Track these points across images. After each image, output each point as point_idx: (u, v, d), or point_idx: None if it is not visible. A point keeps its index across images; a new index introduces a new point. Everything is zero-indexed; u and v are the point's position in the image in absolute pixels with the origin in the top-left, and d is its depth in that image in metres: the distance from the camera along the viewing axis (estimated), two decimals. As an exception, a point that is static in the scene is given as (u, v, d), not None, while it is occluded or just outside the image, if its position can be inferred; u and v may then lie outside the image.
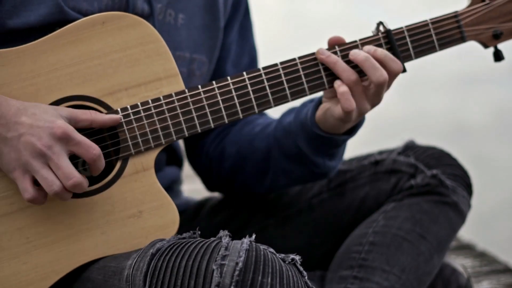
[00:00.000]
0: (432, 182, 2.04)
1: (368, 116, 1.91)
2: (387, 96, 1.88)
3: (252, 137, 2.05)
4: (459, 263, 2.29)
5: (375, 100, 1.83)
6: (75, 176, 1.59)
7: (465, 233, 3.18)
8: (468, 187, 2.09)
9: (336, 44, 1.83)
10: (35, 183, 1.61)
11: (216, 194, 2.26)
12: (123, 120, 1.70)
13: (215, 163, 2.12)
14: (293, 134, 1.94)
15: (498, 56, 1.96)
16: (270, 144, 2.01)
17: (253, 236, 1.52)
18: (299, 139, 1.93)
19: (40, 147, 1.57)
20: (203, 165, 2.16)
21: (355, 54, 1.81)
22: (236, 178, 2.11)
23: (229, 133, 2.12)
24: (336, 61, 1.80)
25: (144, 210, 1.70)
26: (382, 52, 1.81)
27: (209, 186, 2.21)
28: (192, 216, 2.19)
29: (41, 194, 1.61)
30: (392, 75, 1.82)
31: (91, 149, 1.61)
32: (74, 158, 1.69)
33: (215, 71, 2.09)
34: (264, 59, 2.18)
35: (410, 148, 2.13)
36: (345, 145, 1.97)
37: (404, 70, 1.85)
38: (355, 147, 2.07)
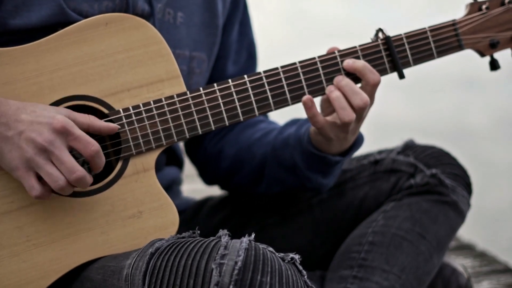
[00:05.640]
0: (432, 181, 2.04)
1: (370, 117, 1.92)
2: (389, 98, 1.89)
3: (251, 142, 2.06)
4: (459, 263, 2.29)
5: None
6: (78, 170, 1.59)
7: (465, 233, 3.19)
8: (467, 186, 2.09)
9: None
10: (39, 179, 1.61)
11: (215, 193, 2.27)
12: (124, 120, 1.71)
13: (212, 160, 2.13)
14: (291, 147, 1.95)
15: (494, 65, 1.98)
16: (267, 152, 2.02)
17: (253, 235, 1.52)
18: (295, 153, 1.94)
19: (42, 143, 1.58)
20: (201, 160, 2.17)
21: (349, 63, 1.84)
22: (233, 179, 2.12)
23: (229, 133, 2.13)
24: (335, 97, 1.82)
25: (144, 210, 1.71)
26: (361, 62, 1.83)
27: (206, 180, 2.22)
28: (191, 215, 2.20)
29: (47, 189, 1.61)
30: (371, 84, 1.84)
31: (90, 145, 1.61)
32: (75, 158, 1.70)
33: (216, 70, 2.10)
34: (268, 62, 2.19)
35: (409, 147, 2.13)
36: (341, 165, 1.98)
37: (402, 77, 1.88)
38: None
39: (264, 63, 2.18)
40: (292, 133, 1.96)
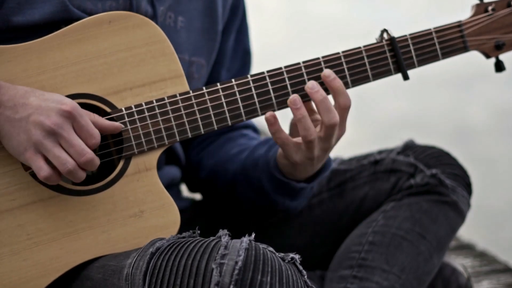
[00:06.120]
0: (432, 181, 2.04)
1: (370, 116, 1.92)
2: (389, 96, 1.89)
3: (228, 157, 2.06)
4: (459, 263, 2.29)
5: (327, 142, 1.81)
6: (87, 152, 1.59)
7: (465, 233, 3.19)
8: (467, 186, 2.09)
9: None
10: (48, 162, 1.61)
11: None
12: (127, 119, 1.71)
13: (193, 168, 2.13)
14: (259, 169, 1.94)
15: (499, 66, 1.97)
16: (238, 170, 2.01)
17: (253, 235, 1.52)
18: (263, 175, 1.93)
19: (50, 125, 1.58)
20: (184, 168, 2.17)
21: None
22: (210, 189, 2.13)
23: (210, 144, 2.13)
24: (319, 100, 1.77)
25: (145, 209, 1.71)
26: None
27: (189, 188, 2.23)
28: (191, 215, 2.20)
29: (56, 172, 1.61)
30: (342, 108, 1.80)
31: (92, 137, 1.61)
32: None
33: (210, 75, 2.10)
34: (268, 62, 2.19)
35: (409, 147, 2.13)
36: (310, 189, 1.95)
37: (407, 78, 1.87)
38: (356, 147, 2.08)
39: (264, 63, 2.18)
40: (262, 155, 1.95)
